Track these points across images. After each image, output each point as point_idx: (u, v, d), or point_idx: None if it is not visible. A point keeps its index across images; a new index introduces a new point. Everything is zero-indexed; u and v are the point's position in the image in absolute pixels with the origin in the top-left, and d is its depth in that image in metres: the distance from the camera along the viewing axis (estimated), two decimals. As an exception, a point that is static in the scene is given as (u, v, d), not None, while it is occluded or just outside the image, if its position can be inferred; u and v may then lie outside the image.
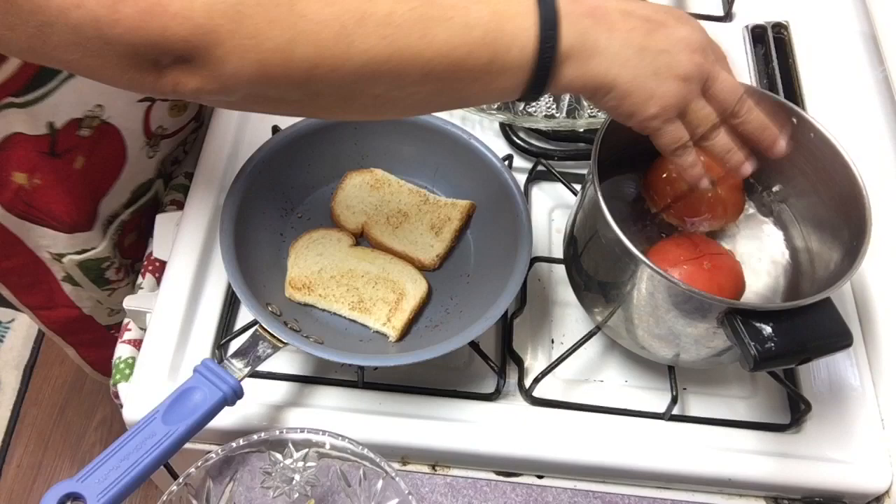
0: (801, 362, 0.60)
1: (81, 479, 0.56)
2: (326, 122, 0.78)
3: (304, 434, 0.64)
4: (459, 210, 0.79)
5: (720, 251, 0.69)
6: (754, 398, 0.75)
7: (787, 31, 1.01)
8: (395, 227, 0.78)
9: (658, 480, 0.72)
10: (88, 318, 1.01)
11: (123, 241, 0.93)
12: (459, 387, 0.73)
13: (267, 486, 0.65)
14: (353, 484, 0.65)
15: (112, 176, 0.84)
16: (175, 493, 0.61)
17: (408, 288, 0.74)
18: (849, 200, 0.65)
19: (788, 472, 0.70)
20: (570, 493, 0.71)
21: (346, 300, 0.73)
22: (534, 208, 0.85)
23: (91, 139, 0.78)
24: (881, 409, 0.74)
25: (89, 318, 1.01)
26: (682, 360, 0.69)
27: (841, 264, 0.63)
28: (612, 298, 0.67)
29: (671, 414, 0.71)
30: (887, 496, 0.71)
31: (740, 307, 0.58)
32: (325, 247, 0.76)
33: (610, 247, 0.63)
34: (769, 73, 0.97)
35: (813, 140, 0.68)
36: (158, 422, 0.59)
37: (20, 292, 0.95)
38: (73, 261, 0.88)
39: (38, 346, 1.75)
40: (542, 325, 0.78)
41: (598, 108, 0.57)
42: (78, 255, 0.88)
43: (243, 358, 0.64)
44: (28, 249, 0.86)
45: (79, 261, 0.89)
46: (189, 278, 0.76)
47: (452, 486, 0.70)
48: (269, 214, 0.77)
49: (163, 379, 0.71)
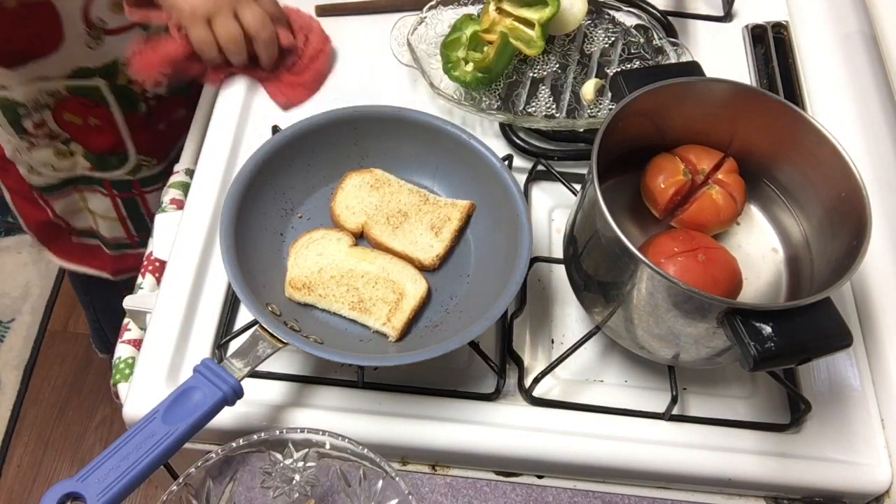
0: (801, 362, 0.60)
1: (81, 479, 0.56)
2: (326, 122, 0.78)
3: (304, 434, 0.64)
4: (459, 210, 0.79)
5: (715, 245, 0.69)
6: (754, 398, 0.75)
7: (787, 31, 1.01)
8: (395, 227, 0.78)
9: (658, 480, 0.72)
10: (11, 163, 1.11)
11: (62, 113, 1.03)
12: (459, 387, 0.73)
13: (267, 486, 0.65)
14: (353, 484, 0.65)
15: (48, 46, 0.92)
16: (175, 493, 0.61)
17: (408, 288, 0.74)
18: (849, 200, 0.65)
19: (788, 472, 0.70)
20: (570, 493, 0.71)
21: (346, 300, 0.73)
22: (534, 208, 0.85)
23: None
24: (881, 409, 0.74)
25: (12, 164, 1.12)
26: (681, 360, 0.69)
27: (841, 264, 0.63)
28: (612, 298, 0.67)
29: (671, 414, 0.71)
30: (887, 496, 0.71)
31: (740, 307, 0.58)
32: (325, 247, 0.76)
33: (610, 247, 0.63)
34: (769, 73, 0.97)
35: (813, 140, 0.68)
36: (158, 422, 0.59)
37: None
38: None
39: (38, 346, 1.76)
40: (542, 325, 0.78)
41: None
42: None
43: (243, 358, 0.64)
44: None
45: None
46: (189, 278, 0.76)
47: (452, 486, 0.70)
48: (269, 214, 0.77)
49: (163, 379, 0.71)
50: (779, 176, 0.74)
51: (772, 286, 0.72)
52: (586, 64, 0.92)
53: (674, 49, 0.91)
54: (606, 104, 0.88)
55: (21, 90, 0.99)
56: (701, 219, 0.72)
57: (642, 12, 0.97)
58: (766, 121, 0.71)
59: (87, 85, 1.01)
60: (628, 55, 0.93)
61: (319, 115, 0.78)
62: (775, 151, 0.73)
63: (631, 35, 0.94)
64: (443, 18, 0.93)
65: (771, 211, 0.76)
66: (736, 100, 0.71)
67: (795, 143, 0.70)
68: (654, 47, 0.93)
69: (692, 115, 0.73)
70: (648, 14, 0.97)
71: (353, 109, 0.79)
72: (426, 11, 0.93)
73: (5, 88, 0.98)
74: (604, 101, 0.88)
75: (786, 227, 0.74)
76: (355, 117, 0.79)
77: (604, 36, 0.94)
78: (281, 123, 0.80)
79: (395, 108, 0.80)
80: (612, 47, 0.94)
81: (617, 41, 0.94)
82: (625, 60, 0.93)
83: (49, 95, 1.01)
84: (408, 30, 0.91)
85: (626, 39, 0.94)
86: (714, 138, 0.74)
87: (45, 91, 1.00)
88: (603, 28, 0.95)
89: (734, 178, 0.73)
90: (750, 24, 1.01)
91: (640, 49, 0.93)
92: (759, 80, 0.96)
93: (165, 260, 0.78)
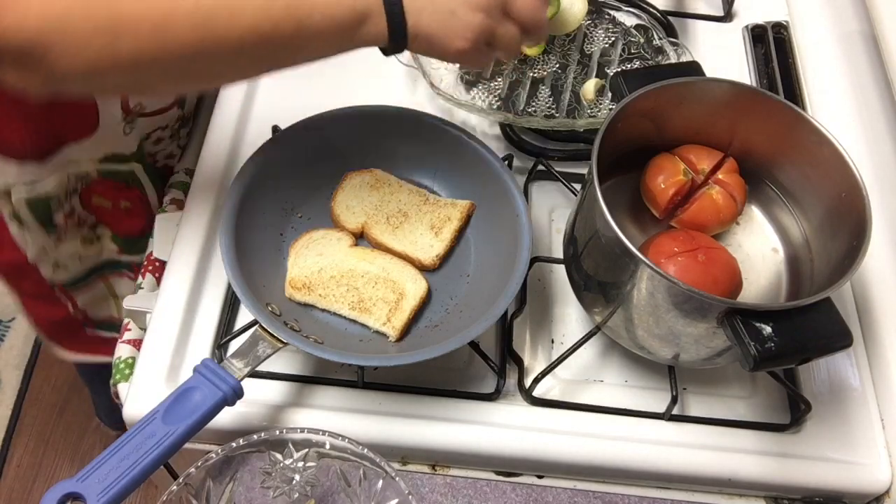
0: (801, 362, 0.60)
1: (81, 479, 0.56)
2: (327, 122, 0.78)
3: (304, 434, 0.64)
4: (459, 210, 0.79)
5: (715, 245, 0.69)
6: (754, 398, 0.75)
7: (787, 31, 1.01)
8: (395, 227, 0.78)
9: (658, 480, 0.72)
10: (32, 267, 1.00)
11: (90, 196, 0.95)
12: (459, 387, 0.73)
13: (267, 486, 0.65)
14: (353, 484, 0.65)
15: (82, 131, 0.86)
16: (175, 493, 0.61)
17: (408, 288, 0.74)
18: (849, 200, 0.65)
19: (788, 472, 0.70)
20: (570, 493, 0.71)
21: (346, 300, 0.73)
22: (534, 208, 0.85)
23: None
24: (881, 409, 0.74)
25: (33, 268, 1.01)
26: (682, 360, 0.69)
27: (841, 264, 0.63)
28: (612, 298, 0.67)
29: (671, 414, 0.71)
30: (887, 496, 0.71)
31: (740, 307, 0.58)
32: (325, 247, 0.76)
33: (610, 247, 0.63)
34: (769, 73, 0.97)
35: (813, 140, 0.68)
36: (158, 422, 0.59)
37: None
38: (21, 197, 0.89)
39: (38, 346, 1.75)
40: (542, 325, 0.78)
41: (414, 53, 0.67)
42: (26, 187, 0.88)
43: (243, 358, 0.64)
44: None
45: (28, 197, 0.89)
46: (189, 278, 0.76)
47: (452, 486, 0.70)
48: (269, 214, 0.77)
49: (163, 379, 0.71)
50: (779, 176, 0.74)
51: (772, 286, 0.72)
52: (586, 64, 0.92)
53: (674, 49, 0.91)
54: (606, 104, 0.88)
55: (51, 180, 0.89)
56: (701, 219, 0.72)
57: (642, 12, 0.97)
58: (766, 121, 0.71)
59: (121, 169, 0.93)
60: (628, 55, 0.93)
61: (319, 115, 0.78)
62: (775, 151, 0.73)
63: (631, 35, 0.94)
64: (443, 18, 0.93)
65: (771, 211, 0.76)
66: (736, 100, 0.71)
67: (795, 143, 0.70)
68: (654, 47, 0.93)
69: (692, 115, 0.73)
70: (648, 14, 0.97)
71: (353, 109, 0.79)
72: (426, 11, 0.93)
73: (34, 184, 0.88)
74: (604, 101, 0.88)
75: (786, 227, 0.74)
76: (355, 117, 0.79)
77: (604, 36, 0.94)
78: (281, 123, 0.80)
79: (395, 108, 0.80)
80: (612, 47, 0.94)
81: (617, 41, 0.94)
82: (625, 60, 0.93)
83: (78, 179, 0.92)
84: (408, 30, 0.90)
85: (626, 39, 0.94)
86: (714, 138, 0.74)
87: (74, 175, 0.91)
88: (603, 28, 0.95)
89: (734, 178, 0.73)
90: (750, 24, 1.01)
91: (640, 49, 0.93)
92: (759, 80, 0.96)
93: (165, 260, 0.78)
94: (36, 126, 0.83)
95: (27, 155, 0.85)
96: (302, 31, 0.58)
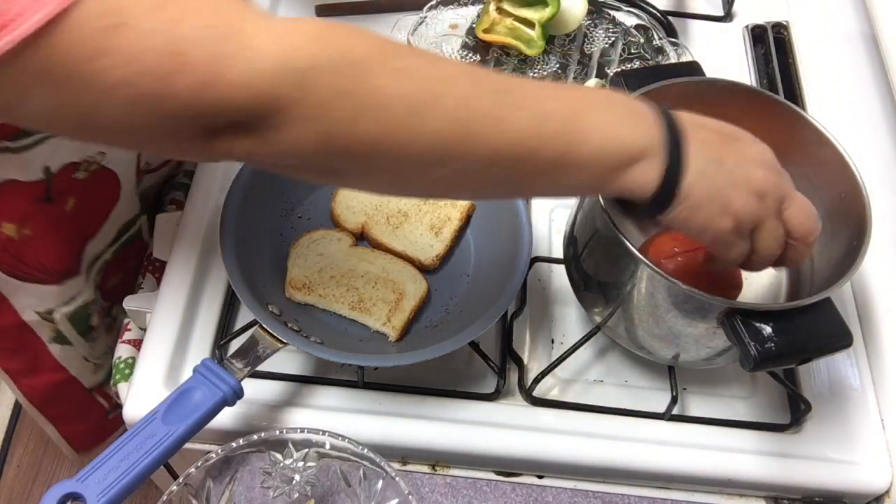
0: (801, 362, 0.60)
1: (81, 479, 0.56)
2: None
3: (304, 434, 0.64)
4: (459, 210, 0.79)
5: None
6: (754, 398, 0.75)
7: (787, 31, 1.01)
8: (395, 227, 0.78)
9: (658, 480, 0.72)
10: (73, 381, 0.96)
11: (107, 282, 0.90)
12: (459, 387, 0.73)
13: (267, 486, 0.65)
14: (353, 484, 0.65)
15: (101, 217, 0.82)
16: (175, 493, 0.61)
17: (408, 288, 0.74)
18: (849, 200, 0.65)
19: (788, 472, 0.70)
20: (570, 493, 0.71)
21: (346, 300, 0.73)
22: (534, 208, 0.85)
23: (86, 181, 0.76)
24: (881, 409, 0.74)
25: (74, 382, 0.96)
26: (681, 360, 0.69)
27: (841, 264, 0.63)
28: (612, 298, 0.67)
29: (671, 414, 0.71)
30: (887, 496, 0.71)
31: (740, 307, 0.58)
32: (325, 247, 0.76)
33: (610, 247, 0.63)
34: (769, 73, 0.96)
35: (813, 140, 0.68)
36: (158, 422, 0.59)
37: (1, 356, 0.89)
38: (64, 315, 0.85)
39: (38, 346, 1.75)
40: (542, 325, 0.78)
41: (666, 223, 0.53)
42: (67, 307, 0.85)
43: (243, 358, 0.64)
44: (13, 311, 0.83)
45: (69, 312, 0.85)
46: (189, 278, 0.76)
47: (452, 486, 0.70)
48: (269, 214, 0.77)
49: (163, 379, 0.71)
50: (779, 176, 0.74)
51: (772, 286, 0.72)
52: (586, 64, 0.92)
53: (674, 49, 0.91)
54: (606, 104, 0.88)
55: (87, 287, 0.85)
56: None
57: (642, 12, 0.97)
58: (766, 121, 0.70)
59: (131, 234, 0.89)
60: (628, 55, 0.93)
61: (319, 115, 0.78)
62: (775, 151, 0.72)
63: (631, 35, 0.94)
64: (443, 18, 0.93)
65: (771, 211, 0.76)
66: (736, 100, 0.71)
67: (795, 144, 0.69)
68: (654, 47, 0.93)
69: (692, 115, 0.72)
70: (648, 14, 0.97)
71: (354, 109, 0.79)
72: (426, 11, 0.93)
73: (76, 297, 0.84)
74: (604, 101, 0.88)
75: (786, 227, 0.74)
76: (355, 117, 0.79)
77: (604, 36, 0.94)
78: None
79: (396, 108, 0.80)
80: (612, 47, 0.94)
81: (617, 41, 0.94)
82: (625, 60, 0.93)
83: (98, 272, 0.88)
84: (408, 29, 0.91)
85: (626, 39, 0.94)
86: (714, 138, 0.74)
87: (97, 271, 0.88)
88: (603, 28, 0.95)
89: (734, 178, 0.73)
90: (750, 24, 1.01)
91: (640, 49, 0.93)
92: (759, 80, 0.96)
93: (165, 260, 0.78)
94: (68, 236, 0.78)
95: (65, 275, 0.82)
96: (568, 156, 0.48)
